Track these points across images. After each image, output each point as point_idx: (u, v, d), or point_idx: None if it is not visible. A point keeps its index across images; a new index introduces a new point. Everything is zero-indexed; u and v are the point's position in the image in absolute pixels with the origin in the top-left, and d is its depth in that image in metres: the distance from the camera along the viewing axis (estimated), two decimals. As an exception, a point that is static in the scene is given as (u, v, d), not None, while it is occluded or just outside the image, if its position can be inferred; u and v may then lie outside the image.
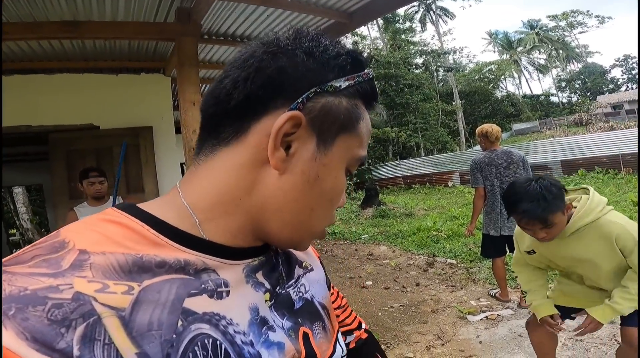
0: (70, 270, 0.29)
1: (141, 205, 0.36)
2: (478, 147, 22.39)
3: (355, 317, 0.62)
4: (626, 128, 15.30)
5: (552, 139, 15.18)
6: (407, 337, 2.77)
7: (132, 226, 0.33)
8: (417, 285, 4.01)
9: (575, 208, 1.45)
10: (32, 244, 0.32)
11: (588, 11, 44.64)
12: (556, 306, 1.65)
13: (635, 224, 1.40)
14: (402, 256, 5.49)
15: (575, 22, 42.57)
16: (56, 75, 3.39)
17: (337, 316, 0.58)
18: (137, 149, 3.85)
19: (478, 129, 3.29)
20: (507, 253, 3.17)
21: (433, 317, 3.09)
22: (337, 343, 0.47)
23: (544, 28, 42.03)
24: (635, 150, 10.30)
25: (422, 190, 14.82)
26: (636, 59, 44.94)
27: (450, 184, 14.93)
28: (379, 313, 3.30)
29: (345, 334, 0.58)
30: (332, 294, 0.57)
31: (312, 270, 0.50)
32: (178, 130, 4.35)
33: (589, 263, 1.46)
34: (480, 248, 3.44)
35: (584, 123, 25.16)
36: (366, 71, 0.38)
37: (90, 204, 2.56)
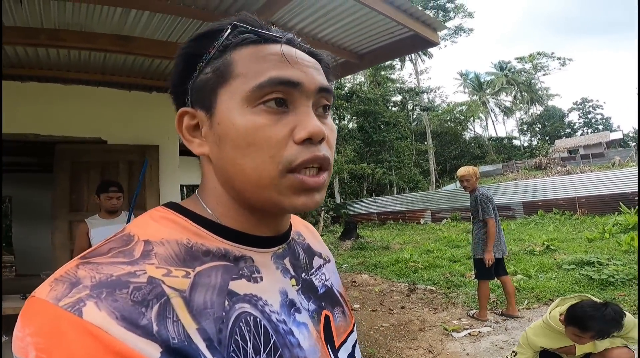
0: (142, 259, 0.34)
1: (182, 203, 0.43)
2: (448, 187, 23.06)
3: None
4: (581, 172, 16.75)
5: (514, 181, 16.36)
6: (400, 352, 2.96)
7: (179, 222, 0.39)
8: (402, 307, 4.22)
9: None
10: (105, 240, 0.37)
11: (552, 53, 45.03)
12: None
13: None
14: (384, 284, 5.70)
15: (539, 65, 43.66)
16: (72, 86, 3.50)
17: None
18: (142, 167, 3.96)
19: (470, 169, 3.72)
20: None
21: (421, 335, 3.30)
22: (354, 328, 0.52)
23: (512, 70, 43.03)
24: (589, 193, 11.33)
25: (395, 226, 15.20)
26: (592, 103, 48.50)
27: (422, 221, 15.40)
28: (371, 332, 3.46)
29: None
30: None
31: (329, 261, 0.55)
32: (182, 152, 4.53)
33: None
34: (476, 272, 3.69)
35: (543, 167, 26.91)
36: (223, 32, 0.40)
37: (102, 217, 2.63)
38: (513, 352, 2.19)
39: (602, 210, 10.64)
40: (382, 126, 22.33)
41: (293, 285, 0.43)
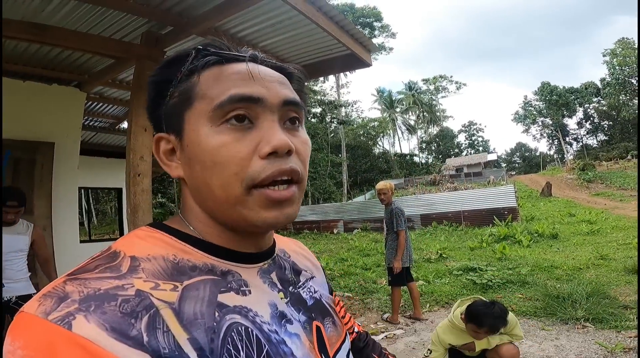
0: (129, 273, 0.35)
1: (166, 222, 0.44)
2: (358, 199, 24.55)
3: (351, 319, 0.69)
4: (465, 189, 19.61)
5: (414, 195, 18.37)
6: None
7: (164, 239, 0.40)
8: (323, 316, 4.36)
9: None
10: (91, 258, 0.37)
11: (451, 77, 50.99)
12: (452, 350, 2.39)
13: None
14: (303, 293, 5.80)
15: (440, 87, 48.87)
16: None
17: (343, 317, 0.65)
18: (31, 166, 3.37)
19: (388, 184, 4.07)
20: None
21: (343, 341, 3.47)
22: (346, 337, 0.52)
23: (419, 90, 47.34)
24: (471, 208, 13.34)
25: (311, 235, 15.58)
26: (476, 126, 55.82)
27: (335, 231, 16.11)
28: (294, 342, 3.49)
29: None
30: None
31: (314, 276, 0.56)
32: (83, 151, 3.97)
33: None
34: (390, 279, 4.01)
35: (436, 183, 30.68)
36: (189, 57, 0.41)
37: None
38: (428, 349, 2.46)
39: (480, 222, 12.59)
40: (300, 136, 22.75)
41: (282, 298, 0.44)
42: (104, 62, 3.12)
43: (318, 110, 27.69)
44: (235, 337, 0.36)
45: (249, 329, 0.37)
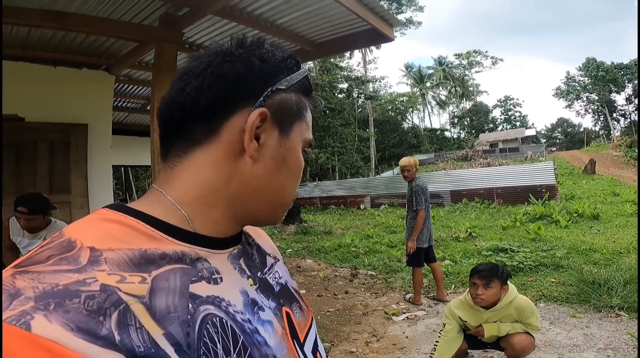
0: (90, 265, 0.31)
1: (130, 204, 0.40)
2: (386, 174, 24.30)
3: None
4: (499, 165, 18.77)
5: (444, 171, 17.81)
6: (346, 335, 3.13)
7: (129, 223, 0.36)
8: (346, 292, 4.44)
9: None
10: (40, 246, 0.33)
11: (486, 52, 49.97)
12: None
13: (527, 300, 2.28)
14: (327, 269, 5.91)
15: (474, 62, 47.46)
16: (-18, 58, 2.98)
17: None
18: (67, 147, 3.56)
19: (412, 160, 3.94)
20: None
21: (365, 319, 3.53)
22: (312, 321, 0.53)
23: (450, 65, 46.10)
24: (505, 184, 12.79)
25: (337, 211, 15.60)
26: (513, 101, 53.11)
27: (362, 207, 16.03)
28: (318, 317, 3.59)
29: None
30: None
31: (279, 260, 0.56)
32: (118, 131, 4.13)
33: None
34: (407, 259, 4.01)
35: (468, 158, 29.64)
36: (303, 68, 0.46)
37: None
38: (443, 323, 2.48)
39: (515, 200, 12.01)
40: (327, 111, 22.65)
41: (251, 285, 0.44)
42: (128, 46, 3.17)
43: (345, 85, 27.12)
44: (210, 329, 0.35)
45: (224, 320, 0.36)
